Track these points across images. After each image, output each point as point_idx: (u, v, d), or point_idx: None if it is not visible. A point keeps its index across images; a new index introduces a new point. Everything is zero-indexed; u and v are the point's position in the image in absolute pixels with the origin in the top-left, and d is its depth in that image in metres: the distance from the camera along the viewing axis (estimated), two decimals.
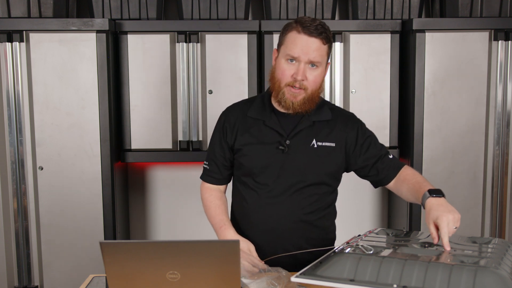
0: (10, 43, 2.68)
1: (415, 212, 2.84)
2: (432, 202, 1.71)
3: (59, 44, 2.68)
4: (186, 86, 2.84)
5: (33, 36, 2.68)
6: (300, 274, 1.55)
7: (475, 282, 1.38)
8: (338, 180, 1.98)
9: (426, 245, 1.64)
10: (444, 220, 1.62)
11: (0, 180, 2.74)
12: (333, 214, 2.02)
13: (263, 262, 1.78)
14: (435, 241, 1.63)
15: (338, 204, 2.03)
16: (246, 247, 1.84)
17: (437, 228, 1.64)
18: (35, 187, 2.75)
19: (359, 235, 1.82)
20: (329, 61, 1.87)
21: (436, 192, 1.74)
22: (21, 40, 2.68)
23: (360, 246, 1.61)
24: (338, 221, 2.05)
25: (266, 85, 2.84)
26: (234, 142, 1.93)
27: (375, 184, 2.00)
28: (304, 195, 1.89)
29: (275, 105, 1.91)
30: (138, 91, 2.83)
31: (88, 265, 2.75)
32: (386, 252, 1.56)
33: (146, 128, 2.85)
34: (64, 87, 2.71)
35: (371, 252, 1.57)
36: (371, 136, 1.95)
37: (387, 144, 2.90)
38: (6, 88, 2.71)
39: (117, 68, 2.83)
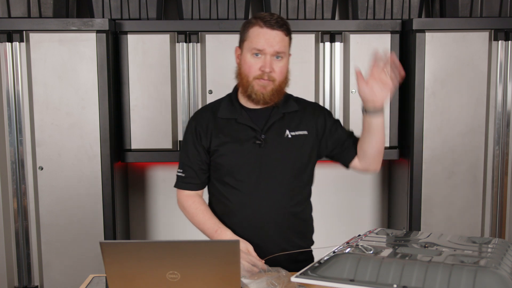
0: (10, 43, 2.68)
1: (415, 212, 2.84)
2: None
3: (59, 44, 2.68)
4: (186, 86, 2.84)
5: (33, 36, 2.68)
6: (300, 274, 1.55)
7: (475, 282, 1.38)
8: (313, 169, 2.04)
9: (426, 245, 1.64)
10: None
11: (0, 180, 2.74)
12: (311, 206, 2.08)
13: (262, 262, 1.78)
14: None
15: (338, 204, 2.04)
16: (245, 247, 1.85)
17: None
18: (35, 187, 2.75)
19: (359, 235, 1.82)
20: (290, 52, 1.95)
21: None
22: (21, 40, 2.68)
23: (360, 246, 1.61)
24: (338, 221, 2.06)
25: None
26: (210, 144, 1.95)
27: (345, 164, 2.05)
28: (287, 187, 1.93)
29: (243, 102, 1.96)
30: (138, 91, 2.83)
31: (88, 265, 2.75)
32: (386, 252, 1.56)
33: (146, 128, 2.85)
34: (64, 87, 2.71)
35: (371, 252, 1.57)
36: (337, 122, 2.04)
37: (387, 144, 2.90)
38: (6, 88, 2.71)
39: (117, 68, 2.83)
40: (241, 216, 1.94)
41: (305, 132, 1.96)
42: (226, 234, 1.90)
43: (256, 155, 1.91)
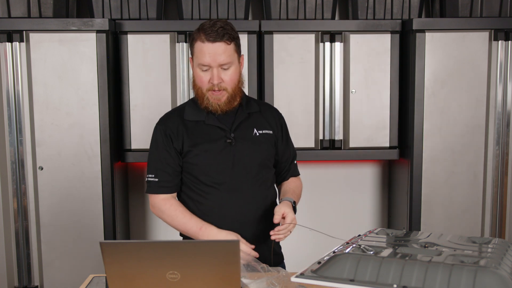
0: (10, 43, 2.68)
1: (415, 212, 2.84)
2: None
3: (59, 44, 2.68)
4: (186, 86, 2.84)
5: (33, 36, 2.68)
6: (300, 274, 1.55)
7: (475, 282, 1.38)
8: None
9: (426, 245, 1.64)
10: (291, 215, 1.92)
11: (0, 180, 2.74)
12: (275, 192, 2.17)
13: (252, 249, 1.88)
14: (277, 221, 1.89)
15: (338, 204, 2.04)
16: (235, 237, 1.88)
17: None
18: (35, 187, 2.75)
19: (359, 235, 1.82)
20: (241, 54, 2.00)
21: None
22: (21, 40, 2.68)
23: (360, 246, 1.61)
24: (338, 221, 2.06)
25: (266, 86, 2.86)
26: (182, 146, 1.98)
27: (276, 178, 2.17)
28: (259, 180, 2.01)
29: (206, 110, 2.01)
30: (138, 91, 2.83)
31: (88, 265, 2.75)
32: (386, 252, 1.56)
33: (146, 128, 2.85)
34: (64, 87, 2.71)
35: (371, 252, 1.57)
36: (289, 135, 2.15)
37: (387, 144, 2.91)
38: (6, 88, 2.71)
39: (117, 68, 2.83)
40: (219, 213, 1.97)
41: (270, 132, 2.06)
42: (211, 230, 1.91)
43: (228, 153, 1.97)
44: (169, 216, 1.98)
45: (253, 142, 2.00)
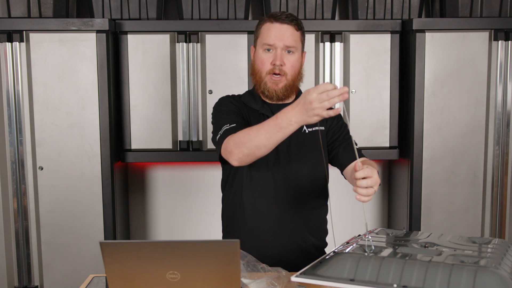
0: (10, 43, 2.68)
1: (415, 212, 2.84)
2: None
3: (59, 44, 2.68)
4: (186, 86, 2.84)
5: (33, 36, 2.68)
6: (300, 274, 1.55)
7: (475, 282, 1.38)
8: (327, 166, 2.02)
9: (426, 245, 1.64)
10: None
11: (0, 180, 2.74)
12: (327, 207, 2.08)
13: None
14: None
15: (338, 204, 2.04)
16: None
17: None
18: (35, 187, 2.75)
19: (359, 235, 1.82)
20: (304, 50, 1.97)
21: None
22: (21, 40, 2.68)
23: (360, 246, 1.61)
24: (338, 221, 2.06)
25: None
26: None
27: (341, 167, 2.01)
28: (304, 182, 1.95)
29: (263, 97, 1.99)
30: (138, 91, 2.83)
31: (88, 265, 2.75)
32: (386, 252, 1.56)
33: (146, 128, 2.85)
34: (64, 87, 2.71)
35: (371, 252, 1.57)
36: (344, 125, 2.03)
37: (387, 144, 2.91)
38: (6, 88, 2.71)
39: (117, 68, 2.83)
40: (254, 209, 1.94)
41: (322, 128, 1.99)
42: (284, 111, 1.64)
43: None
44: (244, 135, 1.73)
45: (301, 139, 1.94)
